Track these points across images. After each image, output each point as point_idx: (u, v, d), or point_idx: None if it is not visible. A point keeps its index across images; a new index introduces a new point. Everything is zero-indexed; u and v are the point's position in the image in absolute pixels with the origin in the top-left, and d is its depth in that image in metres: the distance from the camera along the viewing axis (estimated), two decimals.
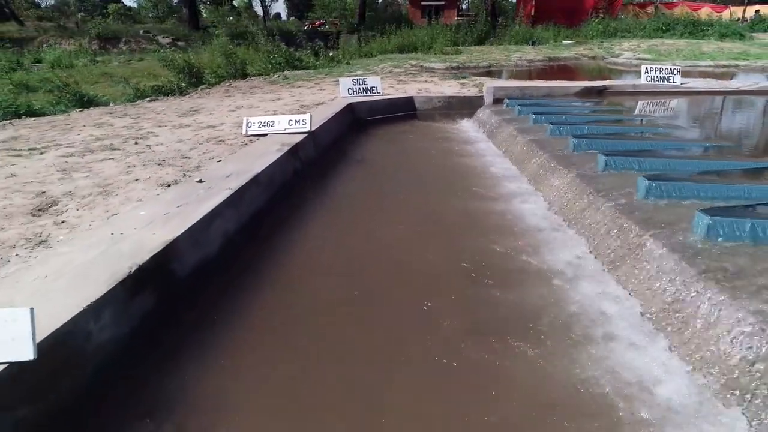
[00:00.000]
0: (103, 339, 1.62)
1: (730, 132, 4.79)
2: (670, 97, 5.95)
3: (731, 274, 1.75)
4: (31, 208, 2.48)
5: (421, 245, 2.66)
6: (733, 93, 6.17)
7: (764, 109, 5.76)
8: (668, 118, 5.15)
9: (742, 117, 5.55)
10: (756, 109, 5.81)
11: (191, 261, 2.17)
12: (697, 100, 5.95)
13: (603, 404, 1.48)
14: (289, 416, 1.52)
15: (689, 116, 5.41)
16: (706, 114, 5.65)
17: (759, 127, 5.03)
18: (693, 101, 5.92)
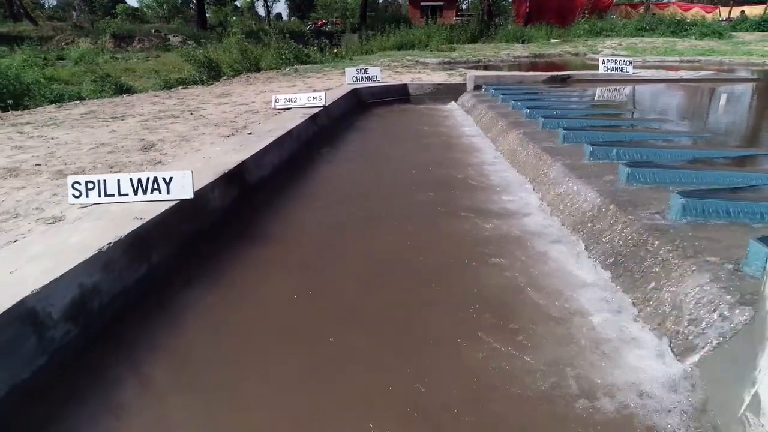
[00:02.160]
0: (216, 204, 2.78)
1: (651, 107, 5.93)
2: (623, 84, 7.09)
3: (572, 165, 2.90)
4: (140, 148, 3.63)
5: (406, 173, 3.81)
6: (676, 81, 7.32)
7: (691, 91, 6.90)
8: (606, 94, 6.33)
9: (667, 96, 6.69)
10: (687, 91, 6.95)
11: (254, 175, 3.33)
12: (643, 85, 7.10)
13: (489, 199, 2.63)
14: (332, 247, 2.67)
15: (622, 93, 6.56)
16: (631, 92, 6.78)
17: (684, 105, 6.18)
18: (636, 85, 7.08)
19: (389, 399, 1.51)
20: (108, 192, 2.39)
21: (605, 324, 1.85)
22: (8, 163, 3.16)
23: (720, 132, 4.55)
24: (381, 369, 1.66)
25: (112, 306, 1.89)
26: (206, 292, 2.11)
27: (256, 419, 1.46)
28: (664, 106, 5.99)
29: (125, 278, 1.98)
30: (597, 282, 2.15)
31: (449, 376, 1.61)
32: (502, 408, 1.47)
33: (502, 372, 1.61)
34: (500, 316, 1.92)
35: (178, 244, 2.36)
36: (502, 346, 1.73)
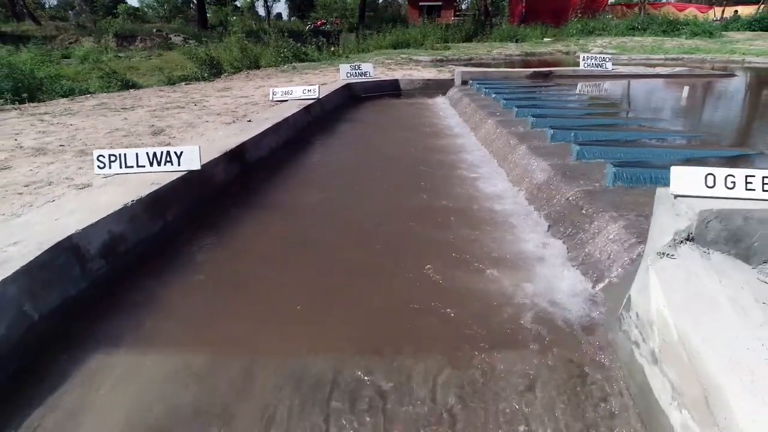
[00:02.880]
0: (219, 177, 3.19)
1: (616, 98, 6.33)
2: (601, 79, 7.50)
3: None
4: (150, 132, 4.04)
5: (390, 154, 4.22)
6: (653, 77, 7.72)
7: (659, 85, 7.31)
8: (585, 89, 6.74)
9: (635, 90, 7.10)
10: (660, 86, 7.36)
11: (253, 155, 3.74)
12: (619, 80, 7.52)
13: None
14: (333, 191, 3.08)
15: (597, 87, 6.97)
16: (604, 86, 7.19)
17: (645, 96, 6.60)
18: (612, 81, 7.49)
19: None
20: (128, 164, 2.80)
21: (538, 260, 2.27)
22: (36, 144, 3.57)
23: (667, 118, 4.97)
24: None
25: (135, 251, 2.30)
26: (211, 242, 2.53)
27: (258, 312, 1.88)
28: (629, 98, 6.42)
29: (146, 230, 2.39)
30: (537, 227, 2.57)
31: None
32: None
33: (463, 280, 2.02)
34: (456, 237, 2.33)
35: (188, 206, 2.77)
36: (461, 252, 2.15)
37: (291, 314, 1.95)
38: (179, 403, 1.51)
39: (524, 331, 1.79)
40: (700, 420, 1.27)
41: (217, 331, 1.86)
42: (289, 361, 1.66)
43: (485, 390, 1.51)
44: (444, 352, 1.68)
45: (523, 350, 1.68)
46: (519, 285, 2.08)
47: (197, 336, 1.85)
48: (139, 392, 1.56)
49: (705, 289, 1.52)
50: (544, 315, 1.87)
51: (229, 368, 1.65)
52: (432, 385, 1.54)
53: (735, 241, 1.69)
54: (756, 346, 1.33)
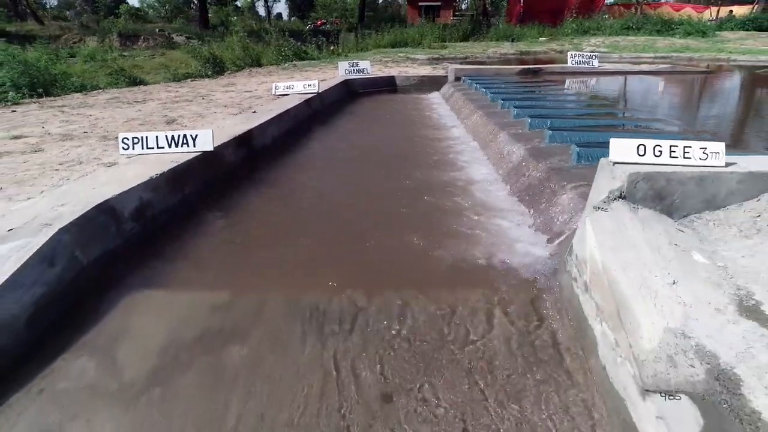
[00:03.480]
0: (229, 159, 3.55)
1: (593, 91, 6.69)
2: (588, 76, 7.86)
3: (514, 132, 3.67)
4: (164, 121, 4.41)
5: (385, 141, 4.58)
6: (637, 73, 8.09)
7: (641, 82, 7.67)
8: (572, 85, 7.08)
9: (614, 84, 7.46)
10: (641, 82, 7.72)
11: (259, 142, 4.11)
12: (603, 76, 7.88)
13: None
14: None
15: (581, 82, 7.33)
16: (588, 81, 7.56)
17: (619, 90, 6.96)
18: (597, 76, 7.85)
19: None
20: (149, 145, 3.16)
21: (512, 223, 2.63)
22: (62, 131, 3.93)
23: (636, 108, 5.33)
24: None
25: (159, 217, 2.66)
26: (222, 211, 2.89)
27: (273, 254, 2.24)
28: (607, 91, 6.79)
29: (168, 200, 2.75)
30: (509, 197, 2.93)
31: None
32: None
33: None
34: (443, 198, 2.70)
35: (202, 182, 3.13)
36: (444, 208, 2.51)
37: (293, 263, 2.32)
38: (203, 327, 1.88)
39: (489, 269, 2.16)
40: (613, 327, 1.64)
41: (232, 277, 2.23)
42: (291, 296, 2.03)
43: (458, 303, 1.88)
44: (426, 281, 2.05)
45: (485, 281, 2.05)
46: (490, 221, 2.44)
47: (216, 280, 2.21)
48: (170, 320, 1.93)
49: (629, 235, 1.89)
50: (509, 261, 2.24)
51: (243, 303, 2.01)
52: (402, 313, 1.90)
53: (660, 198, 2.05)
54: (663, 274, 1.69)
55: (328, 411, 1.50)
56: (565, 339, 1.79)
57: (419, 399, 1.54)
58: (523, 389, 1.57)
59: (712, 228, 1.99)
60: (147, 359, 1.75)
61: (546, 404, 1.52)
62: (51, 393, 1.63)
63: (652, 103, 5.92)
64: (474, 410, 1.50)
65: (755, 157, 2.22)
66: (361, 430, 1.44)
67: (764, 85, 7.66)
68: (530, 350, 1.73)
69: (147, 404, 1.58)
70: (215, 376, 1.66)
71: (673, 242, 1.88)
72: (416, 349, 1.73)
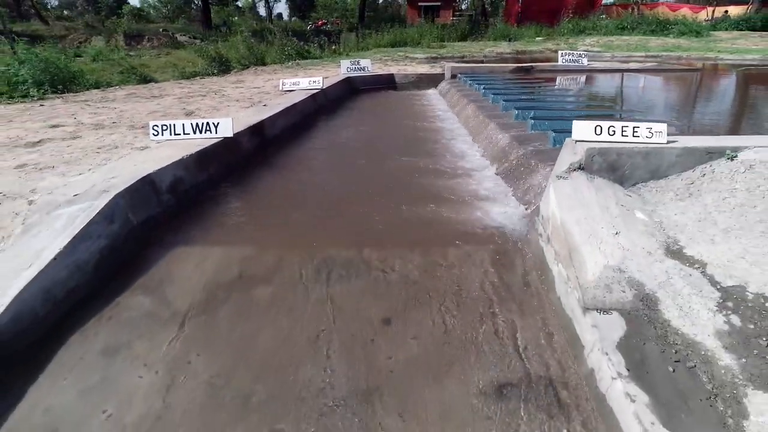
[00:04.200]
0: (245, 145, 3.96)
1: (571, 86, 7.11)
2: (578, 74, 8.27)
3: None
4: (183, 114, 4.82)
5: (385, 132, 4.99)
6: (624, 71, 8.50)
7: (626, 79, 8.09)
8: (561, 82, 7.50)
9: (596, 82, 7.88)
10: (626, 79, 8.13)
11: (270, 132, 4.52)
12: (592, 73, 8.29)
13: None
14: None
15: (565, 78, 7.75)
16: (575, 79, 7.98)
17: (611, 85, 7.38)
18: (586, 73, 8.27)
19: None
20: (176, 132, 3.58)
21: (495, 196, 3.05)
22: (93, 121, 4.35)
23: (612, 101, 5.75)
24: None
25: (190, 191, 3.07)
26: (241, 188, 3.30)
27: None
28: (591, 87, 7.21)
29: (196, 177, 3.17)
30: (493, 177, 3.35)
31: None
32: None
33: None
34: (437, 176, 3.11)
35: (224, 164, 3.55)
36: (437, 186, 2.93)
37: (304, 224, 2.74)
38: (234, 273, 2.29)
39: (476, 230, 2.57)
40: (566, 267, 2.05)
41: (254, 236, 2.65)
42: (304, 249, 2.44)
43: (446, 254, 2.30)
44: (419, 239, 2.47)
45: (474, 237, 2.47)
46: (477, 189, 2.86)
47: (241, 239, 2.63)
48: (206, 269, 2.34)
49: (583, 197, 2.30)
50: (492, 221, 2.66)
51: (265, 255, 2.42)
52: (401, 262, 2.32)
53: (612, 169, 2.47)
54: (608, 227, 2.11)
55: (339, 332, 1.92)
56: (533, 279, 2.20)
57: (416, 323, 1.96)
58: (498, 313, 1.99)
59: (654, 193, 2.41)
60: (190, 296, 2.16)
61: (515, 322, 1.94)
62: (118, 319, 2.04)
63: (630, 98, 6.34)
64: (459, 325, 1.92)
65: (693, 137, 2.64)
66: (366, 343, 1.86)
67: (740, 81, 8.08)
68: (505, 286, 2.15)
69: (194, 327, 1.99)
70: (246, 308, 2.08)
71: (620, 204, 2.30)
72: (411, 285, 2.15)
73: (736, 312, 1.69)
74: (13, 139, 3.64)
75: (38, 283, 1.96)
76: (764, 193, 2.19)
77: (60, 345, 1.91)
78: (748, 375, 1.47)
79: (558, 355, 1.81)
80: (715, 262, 1.91)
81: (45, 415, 1.64)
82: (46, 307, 1.97)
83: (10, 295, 1.87)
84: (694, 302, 1.75)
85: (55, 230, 2.18)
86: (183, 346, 1.90)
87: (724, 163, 2.40)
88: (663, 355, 1.60)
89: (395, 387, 1.70)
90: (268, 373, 1.77)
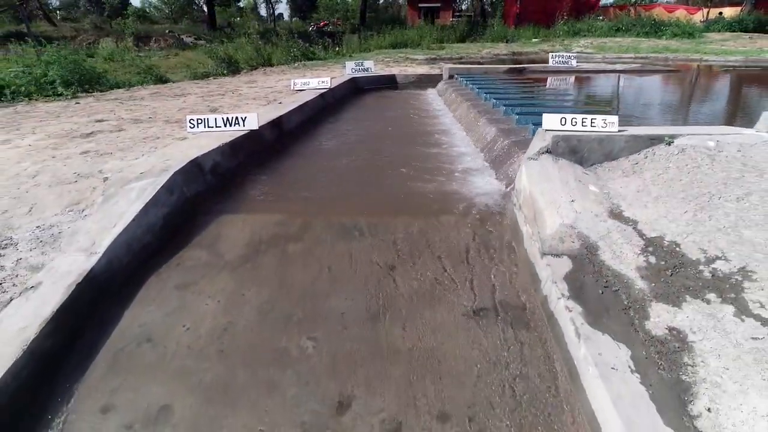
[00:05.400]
0: (267, 137, 4.55)
1: (554, 85, 7.70)
2: (567, 74, 8.86)
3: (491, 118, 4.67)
4: (208, 110, 5.41)
5: (387, 126, 5.58)
6: (611, 72, 9.08)
7: (609, 79, 8.68)
8: (551, 82, 8.10)
9: (581, 82, 8.47)
10: (609, 79, 8.71)
11: (287, 126, 5.11)
12: (580, 74, 8.88)
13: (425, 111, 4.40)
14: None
15: (554, 79, 8.34)
16: (563, 79, 8.57)
17: (594, 85, 7.95)
18: (574, 74, 8.86)
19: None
20: (209, 125, 4.16)
21: (482, 177, 3.64)
22: (131, 117, 4.94)
23: (590, 98, 6.33)
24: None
25: (226, 173, 3.66)
26: (266, 171, 3.89)
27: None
28: (574, 86, 7.81)
29: (230, 162, 3.75)
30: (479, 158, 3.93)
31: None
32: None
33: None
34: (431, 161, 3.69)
35: (251, 152, 4.13)
36: (429, 168, 3.51)
37: (324, 198, 3.32)
38: (269, 234, 2.88)
39: (463, 200, 3.17)
40: (531, 225, 2.64)
41: (283, 207, 3.23)
42: (327, 217, 3.03)
43: (442, 217, 2.88)
44: (418, 209, 3.06)
45: (462, 208, 3.06)
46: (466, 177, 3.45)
47: (273, 209, 3.21)
48: (247, 230, 2.92)
49: (549, 174, 2.89)
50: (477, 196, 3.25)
51: (294, 220, 3.00)
52: (403, 225, 2.91)
53: (573, 153, 3.06)
54: (566, 196, 2.70)
55: (355, 274, 2.51)
56: (508, 237, 2.79)
57: (415, 268, 2.55)
58: (478, 261, 2.58)
59: (606, 171, 3.00)
60: (238, 249, 2.75)
61: (491, 266, 2.53)
62: (184, 266, 2.63)
63: (606, 95, 6.93)
64: (449, 268, 2.51)
65: (640, 127, 3.23)
66: (376, 282, 2.45)
67: (713, 80, 8.68)
68: (485, 243, 2.74)
69: (242, 271, 2.58)
70: (283, 258, 2.67)
71: (578, 179, 2.89)
72: (412, 241, 2.74)
73: (653, 254, 2.28)
74: (68, 132, 4.22)
75: (122, 238, 2.54)
76: (690, 170, 2.78)
77: (142, 284, 2.50)
78: (654, 294, 2.06)
79: (522, 289, 2.40)
80: (644, 221, 2.50)
81: (141, 328, 2.23)
82: (128, 257, 2.56)
83: (104, 245, 2.46)
84: (624, 248, 2.34)
85: (130, 199, 2.77)
86: (237, 284, 2.49)
87: (663, 147, 2.99)
88: (596, 283, 2.18)
89: (398, 310, 2.29)
90: (303, 302, 2.36)
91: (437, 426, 1.77)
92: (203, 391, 1.92)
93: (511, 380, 1.93)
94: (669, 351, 1.80)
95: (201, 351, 2.10)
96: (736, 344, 1.75)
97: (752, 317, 1.84)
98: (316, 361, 2.04)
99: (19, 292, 2.17)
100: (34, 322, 1.99)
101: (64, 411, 1.84)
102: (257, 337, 2.17)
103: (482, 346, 2.08)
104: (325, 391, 1.91)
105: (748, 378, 1.62)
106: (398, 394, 1.88)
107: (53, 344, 2.00)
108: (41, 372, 1.92)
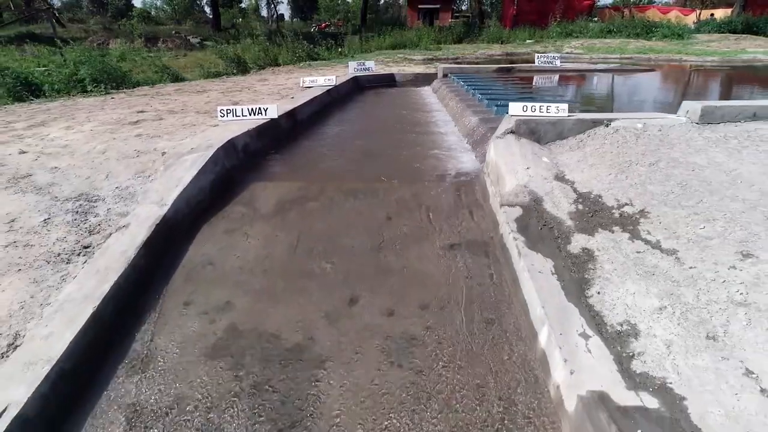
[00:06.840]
0: (284, 126, 5.35)
1: (541, 83, 8.50)
2: (551, 73, 9.66)
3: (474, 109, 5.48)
4: (231, 103, 6.20)
5: (387, 118, 6.38)
6: (592, 71, 9.88)
7: (587, 78, 9.49)
8: (536, 80, 8.91)
9: (564, 80, 9.28)
10: (586, 78, 9.53)
11: (299, 117, 5.92)
12: (563, 73, 9.69)
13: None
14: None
15: (541, 78, 9.14)
16: (548, 78, 9.37)
17: (571, 83, 8.77)
18: (558, 73, 9.67)
19: None
20: (237, 114, 4.97)
21: (463, 156, 4.44)
22: (165, 108, 5.73)
23: (562, 93, 7.14)
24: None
25: (254, 153, 4.46)
26: (285, 152, 4.69)
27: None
28: (551, 83, 8.62)
29: (256, 144, 4.56)
30: (465, 143, 4.73)
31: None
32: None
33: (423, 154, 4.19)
34: (422, 148, 4.49)
35: (271, 138, 4.93)
36: (420, 149, 4.31)
37: (335, 170, 4.12)
38: (293, 196, 3.68)
39: (446, 172, 3.97)
40: (495, 186, 3.44)
41: (302, 176, 4.03)
42: (338, 184, 3.82)
43: (431, 183, 3.69)
44: (411, 178, 3.86)
45: (445, 177, 3.86)
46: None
47: (293, 178, 4.01)
48: (275, 194, 3.72)
49: (511, 149, 3.69)
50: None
51: (312, 187, 3.80)
52: (399, 189, 3.71)
53: (532, 133, 3.86)
54: (523, 165, 3.50)
55: (360, 222, 3.32)
56: (478, 196, 3.59)
57: (407, 218, 3.35)
58: (455, 213, 3.38)
59: (557, 147, 3.80)
60: (269, 207, 3.56)
61: (464, 216, 3.34)
62: (229, 218, 3.44)
63: (578, 90, 7.74)
64: (433, 218, 3.31)
65: (586, 113, 4.03)
66: (376, 228, 3.25)
67: (680, 77, 9.50)
68: (462, 200, 3.54)
69: (274, 221, 3.39)
70: (305, 212, 3.47)
71: (534, 153, 3.69)
72: (406, 200, 3.54)
73: (581, 203, 3.08)
74: (118, 120, 5.03)
75: (183, 195, 3.35)
76: (619, 145, 3.58)
77: (198, 230, 3.30)
78: (577, 228, 2.86)
79: (485, 231, 3.21)
80: (579, 181, 3.30)
81: (203, 256, 3.04)
82: (188, 209, 3.36)
83: (171, 199, 3.26)
84: (561, 200, 3.14)
85: (186, 167, 3.58)
86: (271, 229, 3.29)
87: (602, 128, 3.80)
88: (537, 223, 2.98)
89: (394, 245, 3.09)
90: (322, 240, 3.16)
91: (419, 311, 2.57)
92: (254, 294, 2.73)
93: (473, 285, 2.74)
94: (580, 261, 2.61)
95: (250, 270, 2.90)
96: (625, 255, 2.56)
97: (640, 240, 2.65)
98: (333, 276, 2.85)
99: (115, 229, 2.97)
100: (131, 246, 2.80)
101: (159, 304, 2.65)
102: (289, 262, 2.97)
103: (453, 266, 2.89)
104: (340, 294, 2.71)
105: (628, 274, 2.43)
106: (392, 295, 2.69)
107: (146, 263, 2.81)
108: (141, 280, 2.72)
